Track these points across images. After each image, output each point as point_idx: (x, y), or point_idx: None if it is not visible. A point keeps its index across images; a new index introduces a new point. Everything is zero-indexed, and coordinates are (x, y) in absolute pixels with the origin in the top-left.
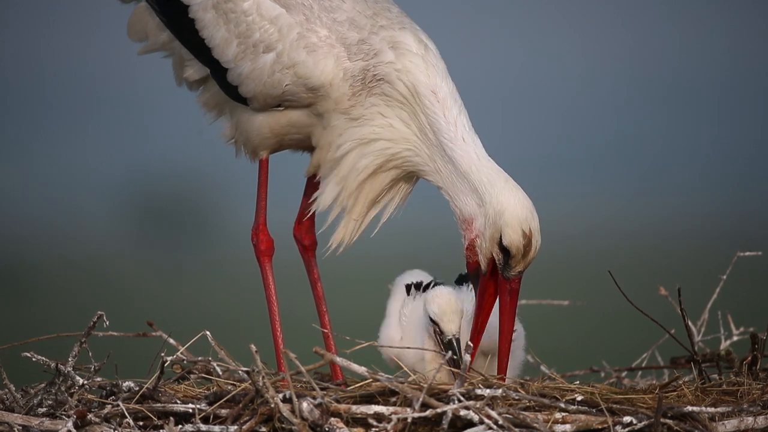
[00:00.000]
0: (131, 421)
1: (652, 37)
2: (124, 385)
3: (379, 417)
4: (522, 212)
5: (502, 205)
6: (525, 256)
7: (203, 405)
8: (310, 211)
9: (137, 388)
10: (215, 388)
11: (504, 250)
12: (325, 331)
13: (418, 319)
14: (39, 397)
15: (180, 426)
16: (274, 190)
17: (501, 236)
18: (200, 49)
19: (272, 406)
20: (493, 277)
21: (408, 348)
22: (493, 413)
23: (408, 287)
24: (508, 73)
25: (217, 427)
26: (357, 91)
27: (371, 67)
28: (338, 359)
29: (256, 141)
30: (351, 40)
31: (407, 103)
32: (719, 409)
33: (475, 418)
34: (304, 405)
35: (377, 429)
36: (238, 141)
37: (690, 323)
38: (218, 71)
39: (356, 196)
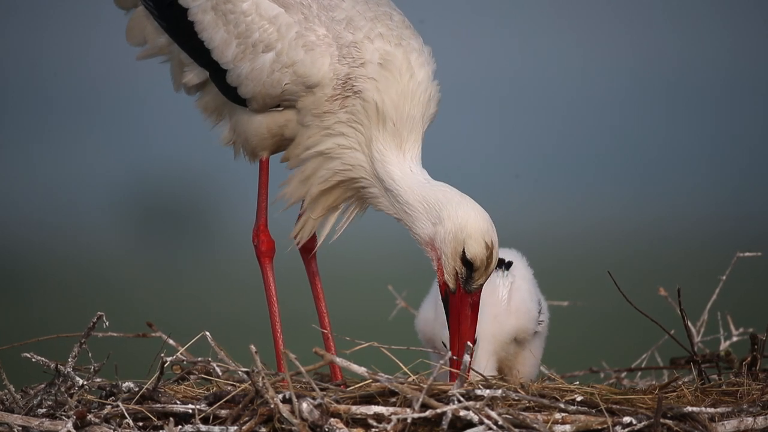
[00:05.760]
0: (131, 422)
1: (652, 37)
2: (124, 385)
3: (379, 417)
4: (483, 224)
5: (461, 219)
6: (487, 268)
7: (203, 405)
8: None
9: (137, 389)
10: (215, 388)
11: (467, 263)
12: (325, 331)
13: None
14: (39, 398)
15: (180, 426)
16: (274, 191)
17: (464, 249)
18: (199, 52)
19: (272, 406)
20: (462, 295)
21: (406, 348)
22: (493, 414)
23: None
24: (508, 73)
25: (216, 428)
26: (336, 94)
27: (354, 76)
28: (338, 360)
29: (254, 141)
30: (345, 41)
31: (369, 127)
32: (719, 410)
33: (475, 418)
34: (304, 405)
35: (377, 429)
36: (237, 143)
37: (690, 324)
38: (217, 73)
39: (316, 200)
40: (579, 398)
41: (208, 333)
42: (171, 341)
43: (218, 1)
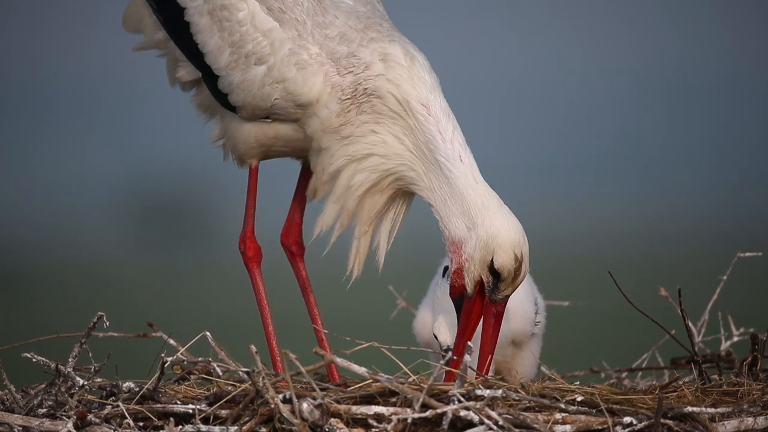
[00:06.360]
0: (131, 422)
1: (652, 37)
2: (125, 385)
3: (380, 417)
4: (515, 236)
5: (495, 227)
6: (514, 280)
7: (203, 405)
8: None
9: (137, 389)
10: (215, 388)
11: (495, 273)
12: (321, 332)
13: (448, 301)
14: (39, 398)
15: (180, 426)
16: (269, 190)
17: (493, 259)
18: (193, 53)
19: (272, 406)
20: (478, 298)
21: (407, 348)
22: (494, 414)
23: (445, 269)
24: (508, 74)
25: (217, 428)
26: (347, 107)
27: (362, 80)
28: (338, 360)
29: (242, 149)
30: (340, 54)
31: (399, 118)
32: (719, 410)
33: (476, 418)
34: (305, 405)
35: (377, 429)
36: (226, 146)
37: (690, 324)
38: (210, 77)
39: (356, 215)
40: (579, 398)
41: (208, 333)
42: (171, 341)
43: (215, 7)
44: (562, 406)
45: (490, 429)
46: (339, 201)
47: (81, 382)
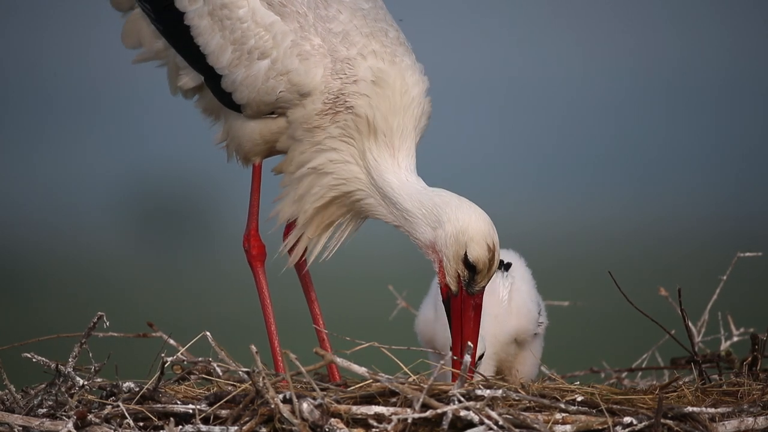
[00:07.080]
0: (131, 422)
1: (652, 37)
2: (125, 385)
3: (380, 417)
4: (484, 227)
5: (462, 221)
6: (489, 270)
7: (203, 406)
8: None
9: (137, 389)
10: (215, 388)
11: (469, 266)
12: (322, 332)
13: None
14: (39, 398)
15: (180, 426)
16: (266, 196)
17: (466, 252)
18: (195, 56)
19: (272, 406)
20: (464, 297)
21: (407, 348)
22: (494, 414)
23: None
24: (508, 73)
25: (217, 428)
26: (326, 110)
27: (347, 92)
28: (338, 360)
29: (247, 147)
30: (339, 56)
31: (360, 139)
32: (719, 410)
33: (476, 418)
34: (305, 405)
35: (377, 429)
36: (230, 146)
37: (690, 324)
38: (213, 78)
39: (312, 218)
40: (579, 398)
41: (208, 333)
42: (171, 341)
43: (215, 7)
44: (562, 406)
45: (490, 429)
46: (299, 201)
47: (81, 382)
